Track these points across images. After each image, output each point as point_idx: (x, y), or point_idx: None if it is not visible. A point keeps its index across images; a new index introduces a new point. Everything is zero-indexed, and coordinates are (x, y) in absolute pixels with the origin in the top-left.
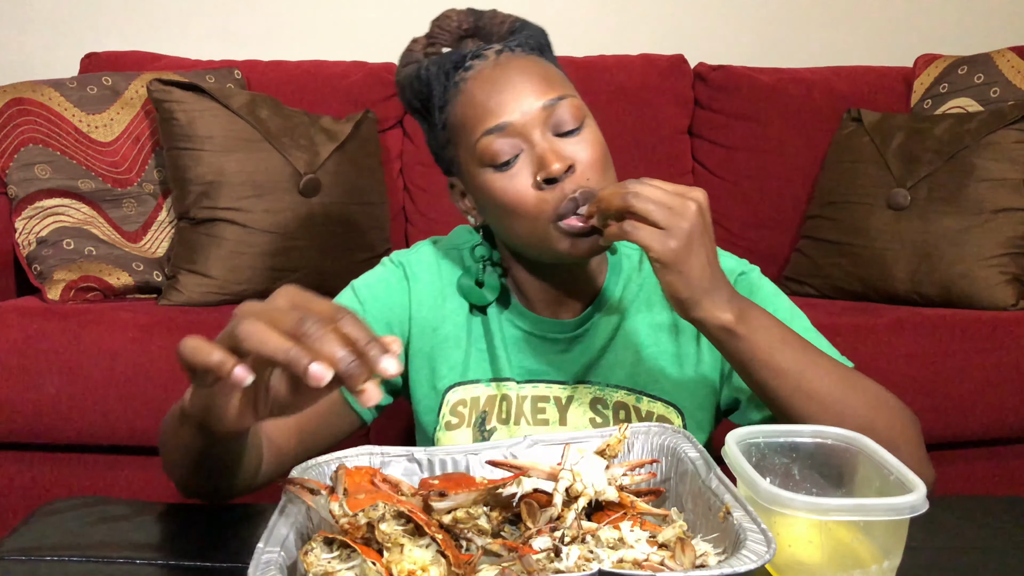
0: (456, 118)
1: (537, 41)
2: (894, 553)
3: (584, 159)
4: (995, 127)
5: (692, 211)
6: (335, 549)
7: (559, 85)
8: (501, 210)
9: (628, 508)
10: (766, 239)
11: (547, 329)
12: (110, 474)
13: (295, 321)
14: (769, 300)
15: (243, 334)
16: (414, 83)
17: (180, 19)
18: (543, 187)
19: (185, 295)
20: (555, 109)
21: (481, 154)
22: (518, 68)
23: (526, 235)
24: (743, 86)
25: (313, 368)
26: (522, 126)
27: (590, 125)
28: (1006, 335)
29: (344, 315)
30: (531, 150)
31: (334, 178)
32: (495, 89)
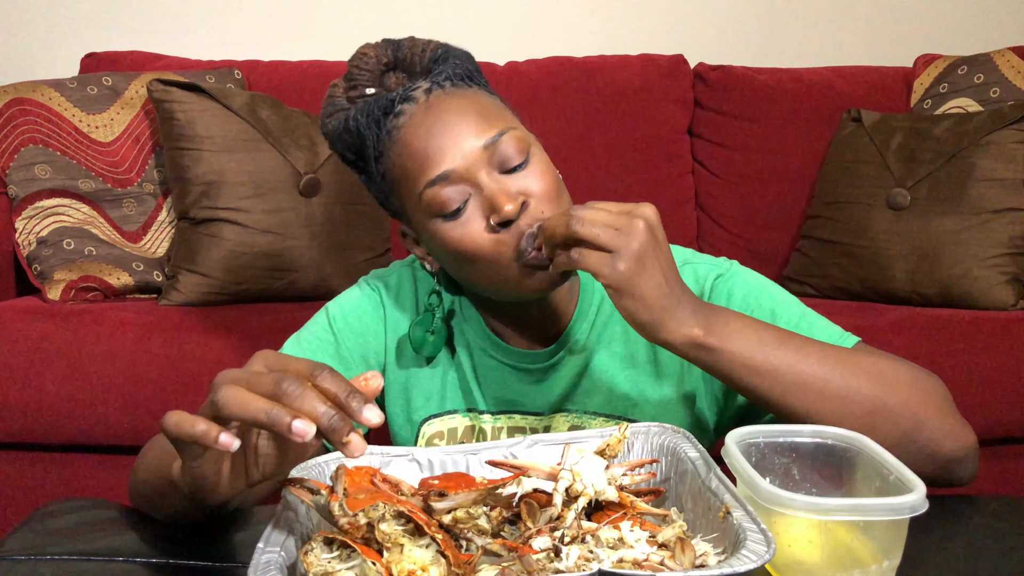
0: (395, 170)
1: (464, 68)
2: (894, 553)
3: (536, 192)
4: (995, 127)
5: (640, 229)
6: (335, 549)
7: (496, 119)
8: (458, 258)
9: (628, 508)
10: (766, 239)
11: (519, 360)
12: (110, 474)
13: (273, 383)
14: (752, 294)
15: (222, 401)
16: (343, 136)
17: (180, 19)
18: (498, 230)
19: (185, 295)
20: (497, 146)
21: (428, 205)
22: (451, 108)
23: (488, 280)
24: (743, 86)
25: (296, 425)
26: (465, 171)
27: (536, 154)
28: (1006, 335)
29: (321, 371)
30: (479, 193)
31: (334, 178)
32: (431, 135)
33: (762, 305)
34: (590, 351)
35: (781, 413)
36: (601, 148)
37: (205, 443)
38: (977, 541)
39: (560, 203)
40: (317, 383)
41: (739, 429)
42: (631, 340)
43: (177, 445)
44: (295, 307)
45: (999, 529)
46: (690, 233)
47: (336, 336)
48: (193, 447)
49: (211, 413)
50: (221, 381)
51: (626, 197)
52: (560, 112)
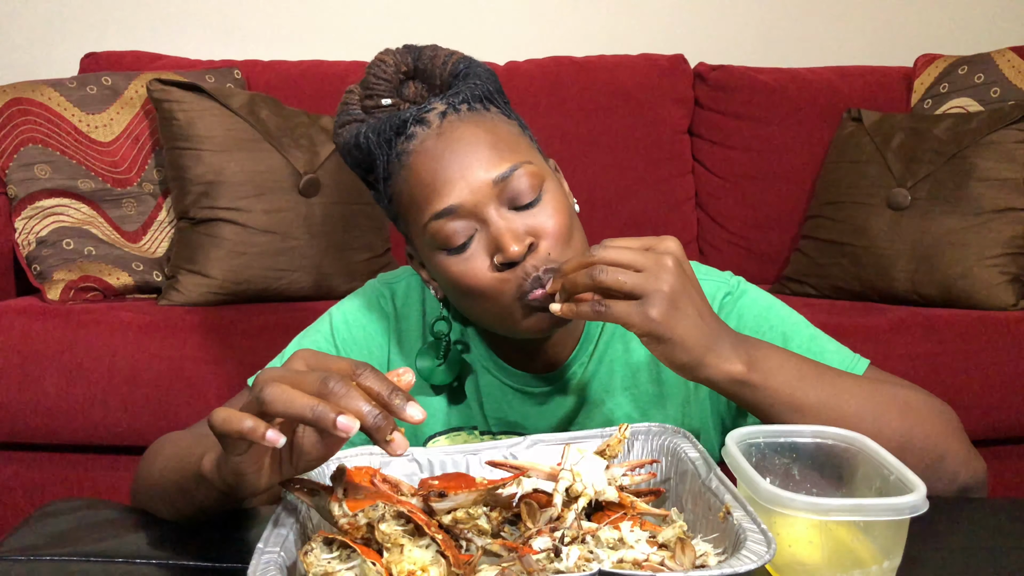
0: (403, 196)
1: (484, 89)
2: (894, 553)
3: (546, 232)
4: (995, 127)
5: (668, 268)
6: (335, 549)
7: (509, 152)
8: (459, 292)
9: (628, 508)
10: (766, 239)
11: (523, 383)
12: (110, 474)
13: (318, 382)
14: (763, 316)
15: (269, 398)
16: (354, 151)
17: (180, 19)
18: (502, 269)
19: (185, 295)
20: (508, 182)
21: (432, 237)
22: (463, 137)
23: (489, 316)
24: (743, 86)
25: (341, 420)
26: (473, 206)
27: (551, 190)
28: (1006, 335)
29: (364, 370)
30: (486, 230)
31: (334, 178)
32: (440, 167)
33: (774, 327)
34: (591, 374)
35: None
36: (601, 148)
37: (252, 439)
38: (977, 541)
39: (571, 243)
40: (360, 382)
41: (739, 429)
42: (633, 363)
43: (223, 440)
44: (295, 307)
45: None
46: (690, 233)
47: (338, 347)
48: (239, 442)
49: (257, 410)
50: (266, 379)
51: (626, 197)
52: (560, 112)
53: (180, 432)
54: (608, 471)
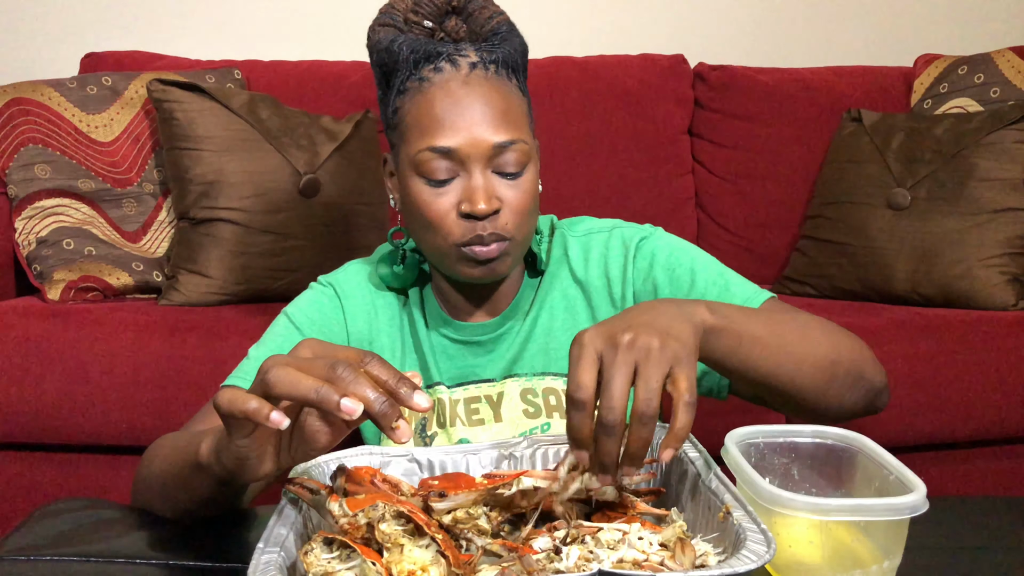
0: (408, 115)
1: (515, 60)
2: (894, 553)
3: (512, 204)
4: (995, 127)
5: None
6: (335, 549)
7: (515, 126)
8: (417, 217)
9: (628, 508)
10: (766, 239)
11: (470, 333)
12: (110, 474)
13: (326, 367)
14: (674, 254)
15: (274, 380)
16: (383, 54)
17: (180, 19)
18: (462, 217)
19: (185, 295)
20: (504, 151)
21: (418, 164)
22: (483, 95)
23: (430, 247)
24: (743, 86)
25: (345, 403)
26: (467, 156)
27: (530, 171)
28: (1006, 335)
29: (371, 359)
30: (466, 179)
31: (334, 178)
32: (455, 110)
33: (683, 263)
34: (534, 319)
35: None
36: (601, 148)
37: (256, 420)
38: (977, 541)
39: (527, 221)
40: (367, 370)
41: (739, 429)
42: (570, 302)
43: (227, 421)
44: None
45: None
46: (690, 233)
47: (299, 330)
48: (244, 424)
49: (261, 391)
50: (272, 363)
51: (626, 197)
52: (560, 112)
53: (176, 432)
54: None
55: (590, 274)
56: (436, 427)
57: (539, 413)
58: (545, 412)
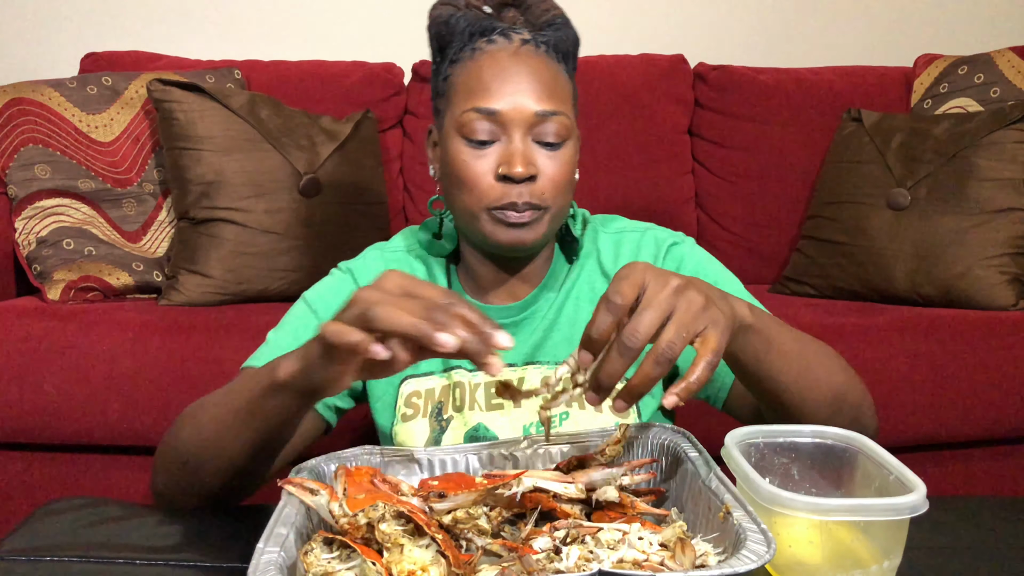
0: (458, 80)
1: (566, 47)
2: (894, 553)
3: (549, 174)
4: (995, 127)
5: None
6: (335, 549)
7: (560, 100)
8: (454, 178)
9: (628, 508)
10: (766, 239)
11: (494, 316)
12: (110, 474)
13: (421, 308)
14: (701, 266)
15: (375, 316)
16: (441, 27)
17: (180, 19)
18: (498, 179)
19: (185, 295)
20: (545, 120)
21: (461, 125)
22: (532, 66)
23: (463, 210)
24: (743, 86)
25: (441, 337)
26: (509, 120)
27: (570, 147)
28: (1006, 335)
29: (454, 298)
30: (507, 144)
31: (334, 178)
32: (503, 76)
33: (708, 276)
34: (559, 308)
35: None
36: (601, 148)
37: (359, 350)
38: (977, 541)
39: (563, 195)
40: (459, 313)
41: (739, 429)
42: (596, 295)
43: (329, 351)
44: None
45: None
46: (690, 233)
47: (316, 314)
48: (346, 354)
49: (360, 324)
50: (367, 299)
51: (626, 197)
52: None
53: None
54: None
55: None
56: (452, 411)
57: None
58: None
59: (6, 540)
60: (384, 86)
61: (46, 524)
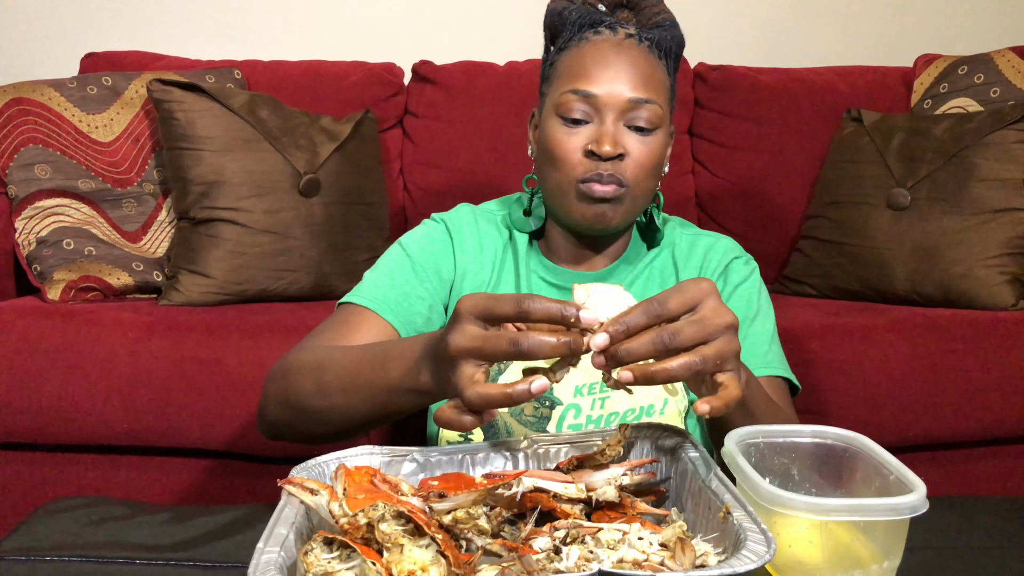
0: (562, 65)
1: (669, 46)
2: (894, 553)
3: (636, 156)
4: (995, 127)
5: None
6: (335, 549)
7: (655, 90)
8: (547, 155)
9: (628, 508)
10: (766, 239)
11: (567, 279)
12: (110, 474)
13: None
14: (750, 291)
15: (531, 350)
16: (555, 18)
17: (180, 19)
18: (587, 156)
19: (185, 295)
20: (639, 107)
21: (559, 104)
22: (632, 57)
23: (552, 184)
24: (743, 86)
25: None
26: (603, 104)
27: (660, 135)
28: (1006, 335)
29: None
30: (599, 126)
31: (334, 178)
32: (604, 63)
33: (754, 303)
34: (631, 280)
35: None
36: None
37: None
38: (977, 541)
39: (648, 180)
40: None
41: (739, 429)
42: (665, 282)
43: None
44: (295, 307)
45: (999, 529)
46: None
47: (410, 257)
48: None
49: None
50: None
51: None
52: None
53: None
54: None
55: (690, 264)
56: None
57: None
58: None
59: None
60: (384, 86)
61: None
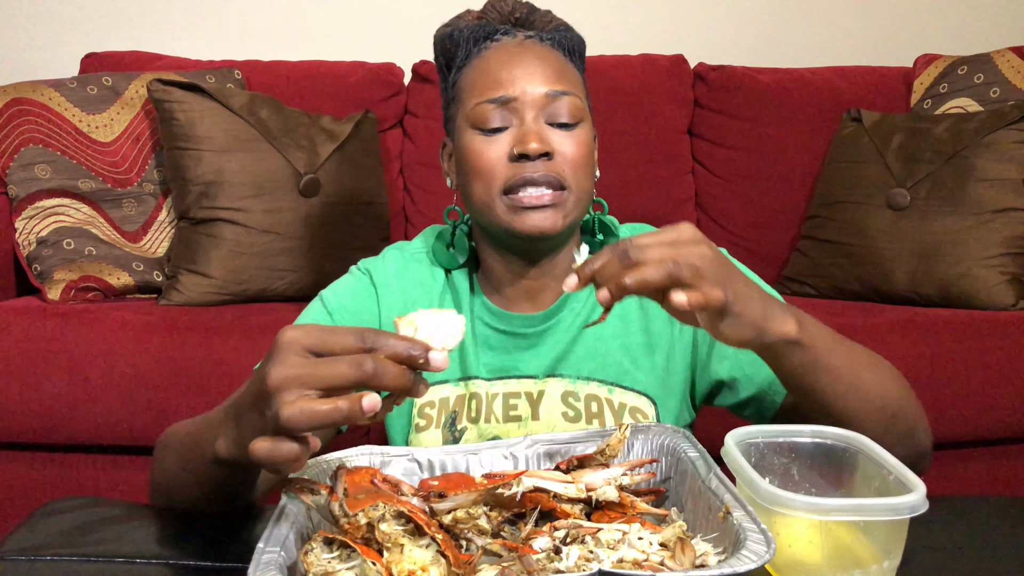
0: (466, 81)
1: (571, 45)
2: (894, 553)
3: (565, 153)
4: (995, 127)
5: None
6: (335, 549)
7: (569, 82)
8: (468, 169)
9: (628, 508)
10: (766, 239)
11: (516, 325)
12: (110, 474)
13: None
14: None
15: (288, 421)
16: (445, 41)
17: (180, 19)
18: (513, 160)
19: (185, 295)
20: (556, 100)
21: (474, 117)
22: (538, 54)
23: (478, 202)
24: (743, 86)
25: (367, 405)
26: (520, 104)
27: (584, 128)
28: (1006, 335)
29: (373, 338)
30: (519, 127)
31: (334, 178)
32: (510, 64)
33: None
34: (583, 320)
35: (828, 410)
36: (601, 148)
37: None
38: (977, 541)
39: (580, 174)
40: (379, 353)
41: (739, 429)
42: (624, 313)
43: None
44: (295, 307)
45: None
46: None
47: (331, 315)
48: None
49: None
50: (281, 402)
51: (626, 197)
52: None
53: (184, 423)
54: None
55: None
56: (467, 422)
57: (579, 418)
58: (585, 418)
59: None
60: (384, 86)
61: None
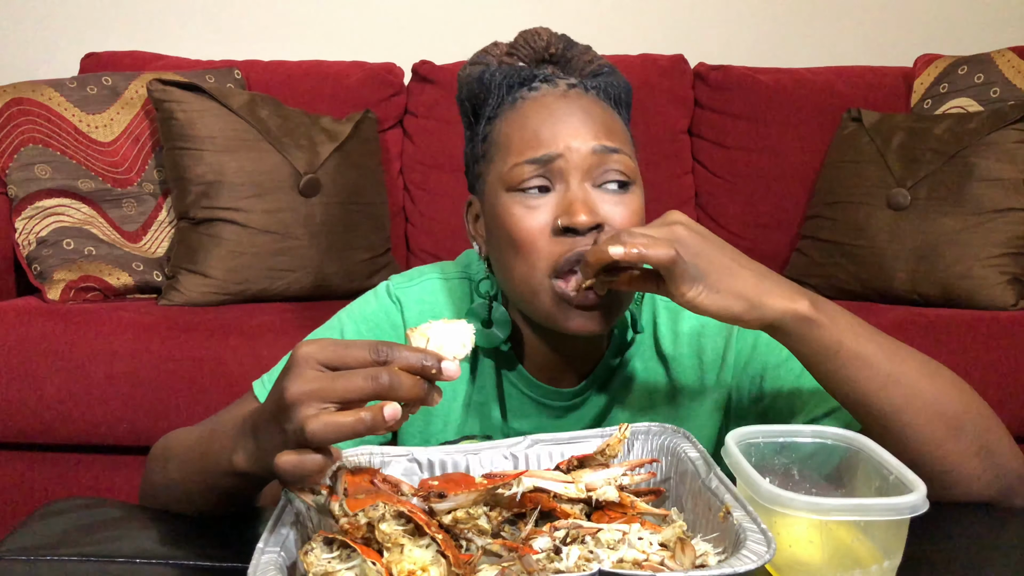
0: (500, 135)
1: (616, 92)
2: (894, 553)
3: (617, 223)
4: (995, 127)
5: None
6: (335, 549)
7: (619, 138)
8: (507, 242)
9: (628, 508)
10: (766, 239)
11: (545, 395)
12: (110, 474)
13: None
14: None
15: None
16: (474, 84)
17: (180, 19)
18: (559, 233)
19: (185, 295)
20: (605, 158)
21: (510, 179)
22: (583, 106)
23: (520, 283)
24: (743, 86)
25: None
26: (565, 162)
27: (636, 192)
28: (1006, 335)
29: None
30: (564, 192)
31: (334, 178)
32: (552, 119)
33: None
34: (612, 394)
35: (869, 408)
36: None
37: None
38: (977, 541)
39: None
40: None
41: (739, 429)
42: (651, 386)
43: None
44: (295, 307)
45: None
46: None
47: None
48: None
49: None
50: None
51: None
52: None
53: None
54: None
55: (679, 351)
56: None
57: None
58: None
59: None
60: (384, 86)
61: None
